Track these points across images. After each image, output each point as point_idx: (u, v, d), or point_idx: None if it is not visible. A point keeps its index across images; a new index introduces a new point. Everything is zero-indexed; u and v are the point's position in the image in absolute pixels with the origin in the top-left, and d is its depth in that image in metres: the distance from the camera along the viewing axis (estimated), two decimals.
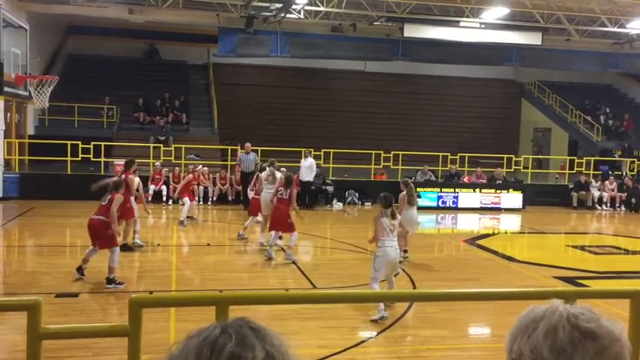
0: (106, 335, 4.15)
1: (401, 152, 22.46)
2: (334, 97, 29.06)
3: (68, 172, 19.22)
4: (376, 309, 7.63)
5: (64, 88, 22.28)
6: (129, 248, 11.56)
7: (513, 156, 24.68)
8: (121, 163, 13.98)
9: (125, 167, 11.99)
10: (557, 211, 21.06)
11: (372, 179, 21.48)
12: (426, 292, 6.81)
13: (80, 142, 19.50)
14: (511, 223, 19.73)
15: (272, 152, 19.83)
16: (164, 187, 19.02)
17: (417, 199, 12.14)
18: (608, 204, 22.15)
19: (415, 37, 23.29)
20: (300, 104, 28.76)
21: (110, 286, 8.92)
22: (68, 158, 19.29)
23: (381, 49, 25.25)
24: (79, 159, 19.46)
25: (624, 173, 24.71)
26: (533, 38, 23.51)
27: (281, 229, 11.48)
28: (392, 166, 22.22)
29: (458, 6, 22.46)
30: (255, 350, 1.00)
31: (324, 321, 7.51)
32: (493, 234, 17.19)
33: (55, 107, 21.69)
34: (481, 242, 14.47)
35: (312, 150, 19.98)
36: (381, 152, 22.39)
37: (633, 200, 21.81)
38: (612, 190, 22.39)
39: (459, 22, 22.76)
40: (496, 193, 21.12)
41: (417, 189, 13.63)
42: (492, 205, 20.86)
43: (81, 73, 25.78)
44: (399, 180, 13.34)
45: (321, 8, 21.95)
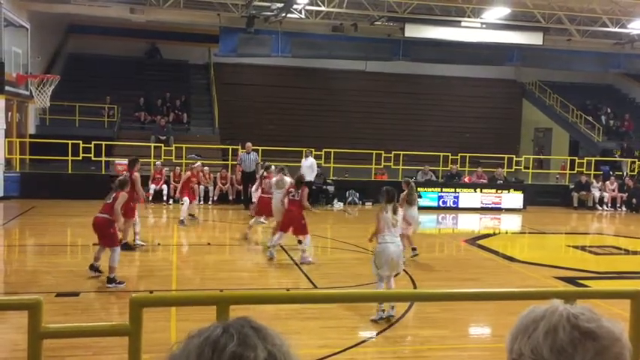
0: (107, 334, 4.17)
1: (402, 152, 22.46)
2: (335, 97, 29.05)
3: (69, 172, 19.26)
4: (376, 309, 7.61)
5: (65, 88, 22.26)
6: (129, 247, 11.57)
7: (514, 156, 24.66)
8: (121, 163, 13.98)
9: (129, 166, 12.00)
10: (557, 212, 21.05)
11: (372, 179, 21.48)
12: (427, 292, 6.81)
13: (81, 142, 19.53)
14: (512, 223, 19.73)
15: (273, 152, 19.85)
16: (165, 186, 19.04)
17: (418, 199, 12.13)
18: (609, 204, 22.13)
19: (416, 37, 23.27)
20: (301, 104, 28.74)
21: (111, 285, 8.92)
22: (69, 158, 19.31)
23: (382, 49, 25.25)
24: (80, 158, 19.48)
25: (625, 173, 24.69)
26: (534, 38, 23.48)
27: (294, 231, 11.32)
28: (392, 166, 22.21)
29: (459, 6, 22.45)
30: (257, 350, 1.00)
31: (325, 321, 7.51)
32: (494, 234, 17.19)
33: (56, 106, 21.68)
34: (482, 242, 14.47)
35: (312, 150, 19.98)
36: (382, 152, 22.40)
37: (634, 201, 21.79)
38: (613, 190, 22.37)
39: (460, 22, 22.74)
40: (497, 193, 21.12)
41: (418, 189, 13.60)
42: (493, 205, 20.85)
43: (82, 73, 25.79)
44: (400, 180, 13.34)
45: (322, 8, 21.94)
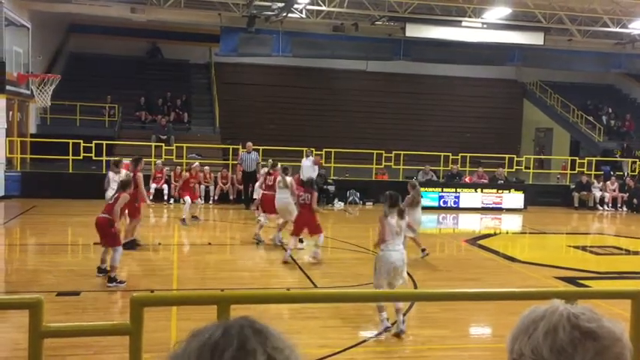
0: (108, 334, 4.16)
1: (402, 152, 22.45)
2: (336, 96, 29.04)
3: (70, 171, 19.27)
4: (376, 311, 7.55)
5: (66, 87, 22.28)
6: (137, 244, 11.58)
7: (515, 156, 24.64)
8: (124, 162, 13.95)
9: (132, 165, 11.98)
10: (558, 212, 21.04)
11: (373, 179, 21.48)
12: (428, 292, 6.80)
13: (82, 141, 19.53)
14: (512, 223, 19.72)
15: (273, 151, 19.82)
16: (165, 185, 19.04)
17: (420, 200, 12.16)
18: (610, 204, 22.12)
19: (417, 37, 23.27)
20: (302, 104, 28.74)
21: (111, 284, 8.93)
22: (70, 157, 19.32)
23: (383, 48, 25.24)
24: (81, 158, 19.48)
25: (626, 173, 24.67)
26: (535, 38, 23.47)
27: (310, 231, 11.69)
28: (393, 166, 22.20)
29: (460, 6, 22.44)
30: (257, 354, 1.00)
31: (325, 320, 7.51)
32: (494, 234, 17.18)
33: (56, 106, 21.69)
34: (482, 242, 14.46)
35: (313, 149, 19.97)
36: (383, 152, 22.39)
37: (635, 201, 21.77)
38: (614, 190, 22.35)
39: (461, 22, 22.74)
40: (497, 193, 21.11)
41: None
42: (494, 205, 20.84)
43: (83, 72, 25.81)
44: (401, 180, 13.34)
45: (323, 8, 21.94)
